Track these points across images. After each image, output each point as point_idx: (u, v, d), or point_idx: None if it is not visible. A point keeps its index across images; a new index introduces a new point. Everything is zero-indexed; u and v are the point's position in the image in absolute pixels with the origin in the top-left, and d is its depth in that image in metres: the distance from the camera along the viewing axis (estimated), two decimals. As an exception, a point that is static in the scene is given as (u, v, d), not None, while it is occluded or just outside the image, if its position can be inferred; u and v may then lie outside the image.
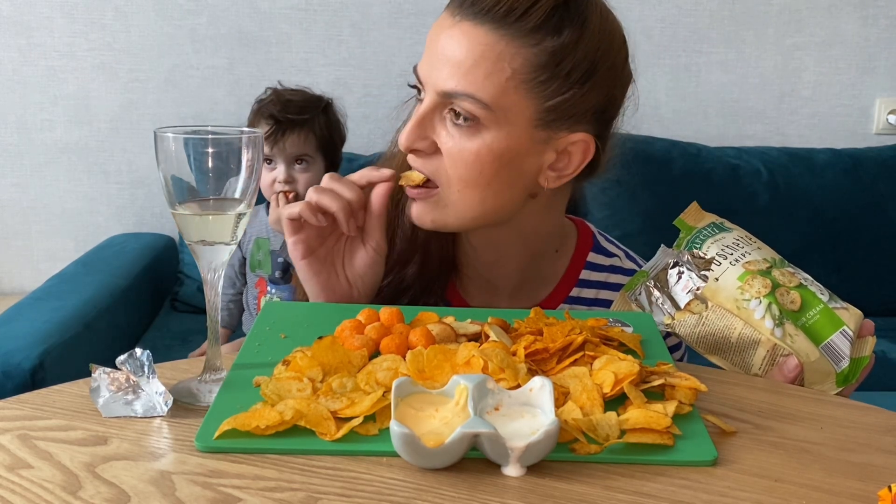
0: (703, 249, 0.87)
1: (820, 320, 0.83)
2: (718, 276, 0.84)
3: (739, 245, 0.87)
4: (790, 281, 0.84)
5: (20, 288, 2.57)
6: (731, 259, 0.85)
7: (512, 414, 0.61)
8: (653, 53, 2.65)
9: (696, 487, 0.57)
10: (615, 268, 1.02)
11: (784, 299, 0.83)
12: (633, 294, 0.90)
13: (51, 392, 0.68)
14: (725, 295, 0.83)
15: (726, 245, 0.87)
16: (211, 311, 0.70)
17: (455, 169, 0.85)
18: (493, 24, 0.81)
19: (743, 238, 0.89)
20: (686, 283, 0.85)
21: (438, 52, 0.84)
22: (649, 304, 0.87)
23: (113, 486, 0.55)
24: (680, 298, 0.85)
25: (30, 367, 1.60)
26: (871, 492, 0.57)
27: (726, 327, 0.83)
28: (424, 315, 0.79)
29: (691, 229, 0.91)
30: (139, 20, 2.51)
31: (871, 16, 2.70)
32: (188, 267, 2.44)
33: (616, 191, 2.43)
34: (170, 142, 0.65)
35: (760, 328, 0.81)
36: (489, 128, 0.83)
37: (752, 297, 0.82)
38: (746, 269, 0.84)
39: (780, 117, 2.74)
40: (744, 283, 0.83)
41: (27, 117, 2.53)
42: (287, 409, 0.61)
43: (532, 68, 0.82)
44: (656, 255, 0.92)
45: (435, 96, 0.84)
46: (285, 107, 1.92)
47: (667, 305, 0.86)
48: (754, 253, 0.87)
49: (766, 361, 0.82)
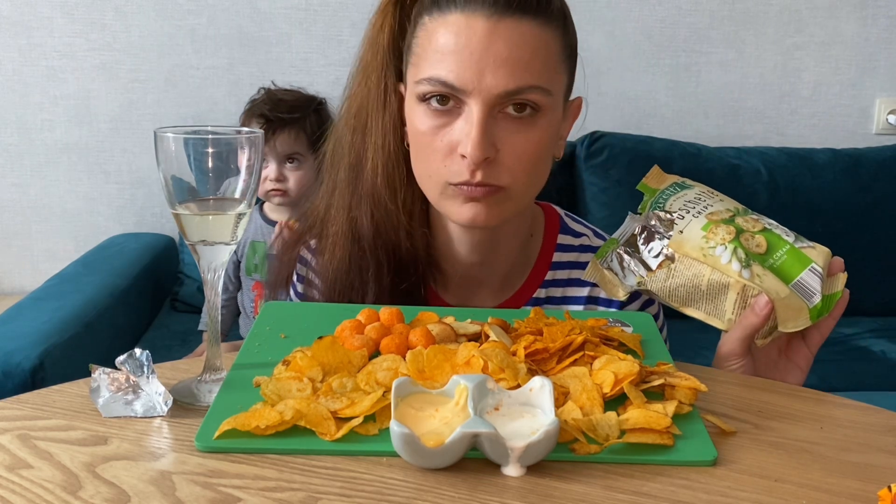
0: (666, 208, 0.87)
1: (787, 260, 0.83)
2: (683, 229, 0.85)
3: (701, 199, 0.88)
4: (754, 226, 0.85)
5: (20, 288, 2.57)
6: (694, 212, 0.86)
7: (512, 414, 0.61)
8: (653, 53, 2.65)
9: (696, 487, 0.57)
10: (585, 247, 1.03)
11: (749, 243, 0.83)
12: (604, 261, 0.90)
13: (51, 392, 0.68)
14: (691, 245, 0.84)
15: (688, 200, 0.87)
16: (211, 311, 0.70)
17: (521, 163, 0.86)
18: (531, 16, 0.85)
19: (705, 192, 0.89)
20: (655, 245, 0.86)
21: (487, 55, 0.83)
22: (621, 269, 0.88)
23: (113, 486, 0.55)
24: (650, 261, 0.86)
25: (30, 367, 1.60)
26: (871, 492, 0.57)
27: (695, 276, 0.83)
28: (424, 315, 0.79)
29: (654, 191, 0.91)
30: (139, 20, 2.51)
31: (871, 16, 2.70)
32: (188, 267, 2.44)
33: (616, 191, 2.43)
34: (170, 142, 0.65)
35: (728, 272, 0.82)
36: (546, 112, 0.87)
37: (718, 243, 0.83)
38: (710, 219, 0.85)
39: (780, 117, 2.74)
40: (708, 232, 0.84)
41: (27, 117, 2.53)
42: (287, 409, 0.61)
43: (563, 48, 0.89)
44: (625, 223, 0.92)
45: (491, 99, 0.84)
46: (276, 106, 1.95)
47: (639, 269, 0.86)
48: (717, 204, 0.87)
49: (737, 305, 0.82)
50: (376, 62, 0.95)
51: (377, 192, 0.94)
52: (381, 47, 0.94)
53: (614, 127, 2.57)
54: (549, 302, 1.01)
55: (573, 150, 2.51)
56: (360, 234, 0.96)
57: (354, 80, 0.97)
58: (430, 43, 0.86)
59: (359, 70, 0.97)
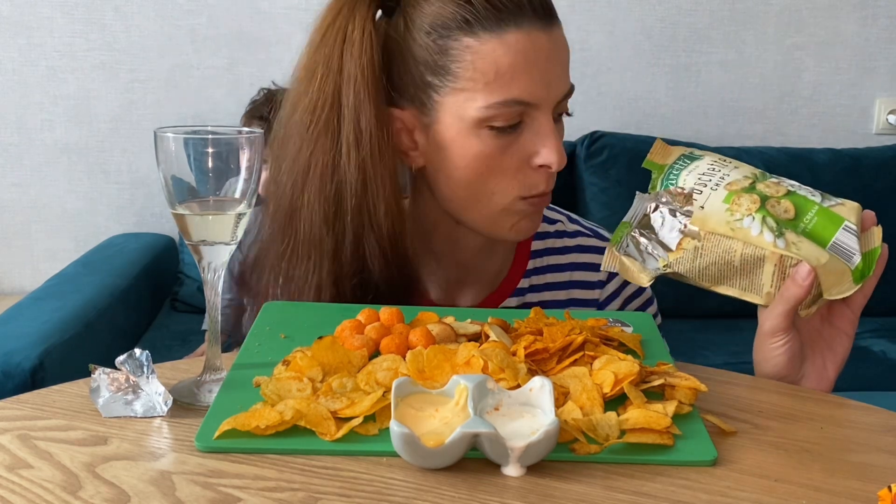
0: (679, 183, 0.82)
1: (819, 222, 0.78)
2: (703, 204, 0.79)
3: (716, 169, 0.82)
4: (777, 191, 0.80)
5: (20, 288, 2.57)
6: (712, 184, 0.81)
7: (512, 414, 0.61)
8: (653, 53, 2.65)
9: (696, 487, 0.57)
10: (560, 232, 1.04)
11: (777, 210, 0.78)
12: (620, 247, 0.84)
13: (51, 392, 0.68)
14: (716, 220, 0.78)
15: (702, 173, 0.82)
16: (211, 311, 0.70)
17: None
18: (558, 21, 0.87)
19: (717, 161, 0.84)
20: (671, 223, 0.80)
21: (550, 67, 0.85)
22: (639, 253, 0.83)
23: (113, 486, 0.55)
24: (669, 240, 0.80)
25: (30, 367, 1.60)
26: (871, 492, 0.57)
27: (725, 252, 0.78)
28: (424, 315, 0.79)
29: (662, 167, 0.86)
30: (139, 20, 2.51)
31: (871, 16, 2.70)
32: (188, 267, 2.44)
33: (616, 191, 2.43)
34: (170, 142, 0.65)
35: (761, 243, 0.76)
36: None
37: (743, 215, 0.77)
38: (730, 189, 0.79)
39: (780, 117, 2.75)
40: (731, 205, 0.78)
41: (27, 117, 2.53)
42: (287, 409, 0.61)
43: None
44: (634, 203, 0.87)
45: (554, 106, 0.86)
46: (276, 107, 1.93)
47: (658, 251, 0.81)
48: (733, 173, 0.82)
49: (776, 277, 0.77)
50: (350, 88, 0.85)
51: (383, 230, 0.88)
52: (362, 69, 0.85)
53: (614, 127, 2.57)
54: (532, 291, 1.01)
55: (573, 149, 2.51)
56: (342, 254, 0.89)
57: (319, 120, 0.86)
58: (488, 65, 0.82)
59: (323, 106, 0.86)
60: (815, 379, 0.81)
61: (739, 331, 2.44)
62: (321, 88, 0.86)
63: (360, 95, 0.85)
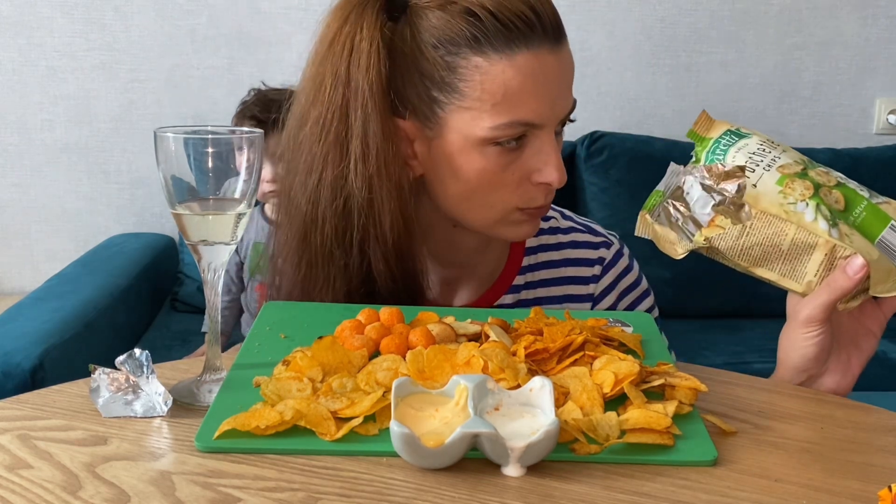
0: (726, 159, 0.81)
1: (867, 217, 0.77)
2: (756, 182, 0.78)
3: (766, 150, 0.81)
4: (828, 180, 0.79)
5: (20, 288, 2.57)
6: (763, 165, 0.79)
7: (512, 414, 0.61)
8: (653, 53, 2.65)
9: (696, 487, 0.57)
10: (554, 229, 1.04)
11: (829, 199, 0.77)
12: (654, 215, 0.84)
13: (51, 392, 0.68)
14: (768, 200, 0.76)
15: (752, 152, 0.80)
16: (211, 311, 0.70)
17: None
18: (566, 39, 0.86)
19: (766, 142, 0.82)
20: (705, 199, 0.79)
21: (556, 87, 0.85)
22: (669, 224, 0.81)
23: (113, 486, 0.55)
24: (701, 217, 0.79)
25: (30, 367, 1.60)
26: (871, 492, 0.57)
27: (776, 234, 0.76)
28: (424, 315, 0.79)
29: (704, 140, 0.84)
30: (139, 20, 2.51)
31: (871, 16, 2.70)
32: (188, 267, 2.44)
33: (616, 191, 2.43)
34: (170, 142, 0.65)
35: (815, 230, 0.75)
36: None
37: (797, 199, 0.76)
38: (782, 172, 0.78)
39: (780, 117, 2.75)
40: (784, 187, 0.76)
41: (27, 117, 2.53)
42: (287, 409, 0.61)
43: None
44: (667, 174, 0.86)
45: (557, 123, 0.87)
46: (266, 106, 1.92)
47: (689, 226, 0.80)
48: (783, 156, 0.80)
49: (822, 266, 0.76)
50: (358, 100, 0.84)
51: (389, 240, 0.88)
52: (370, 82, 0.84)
53: (614, 127, 2.57)
54: (527, 287, 1.02)
55: (573, 149, 2.51)
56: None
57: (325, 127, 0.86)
58: (497, 86, 0.82)
59: (332, 119, 0.85)
60: (840, 374, 0.82)
61: (740, 331, 2.45)
62: (330, 100, 0.85)
63: (367, 108, 0.84)
